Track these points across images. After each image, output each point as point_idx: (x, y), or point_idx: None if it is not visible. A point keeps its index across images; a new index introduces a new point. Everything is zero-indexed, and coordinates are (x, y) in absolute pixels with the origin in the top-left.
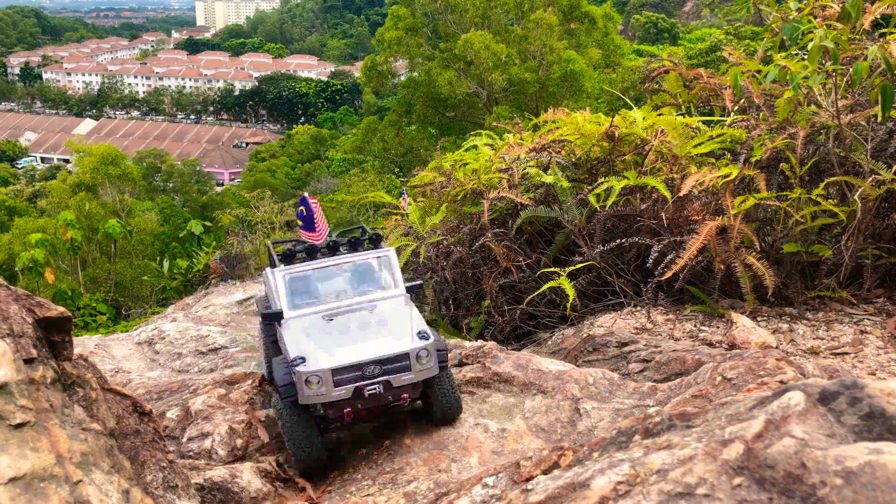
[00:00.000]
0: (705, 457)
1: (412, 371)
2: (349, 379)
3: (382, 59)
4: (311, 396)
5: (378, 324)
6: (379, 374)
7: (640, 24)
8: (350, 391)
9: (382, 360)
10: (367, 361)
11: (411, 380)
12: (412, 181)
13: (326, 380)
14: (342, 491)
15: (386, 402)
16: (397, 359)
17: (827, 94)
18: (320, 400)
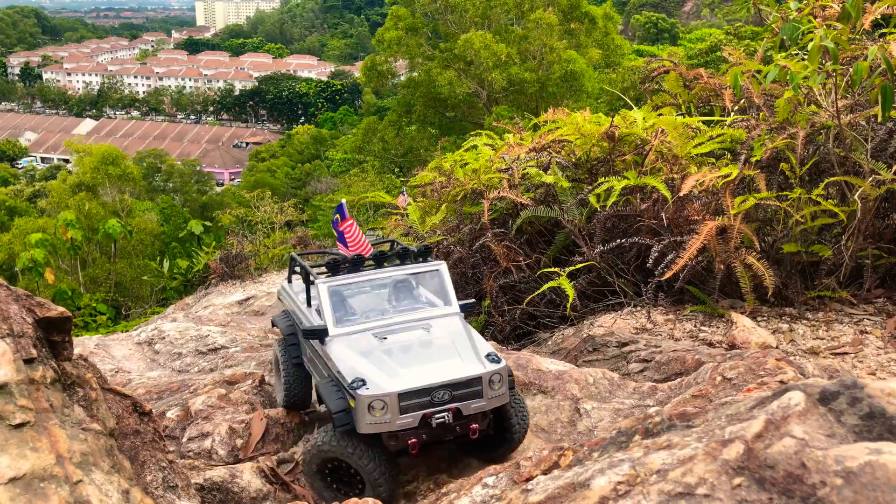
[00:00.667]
0: (705, 457)
1: (484, 398)
2: (417, 405)
3: (382, 59)
4: (372, 425)
5: (440, 344)
6: (448, 401)
7: (640, 24)
8: (417, 419)
9: (453, 384)
10: (437, 386)
11: (482, 408)
12: (412, 181)
13: (392, 406)
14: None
15: (453, 434)
16: (469, 383)
17: (827, 94)
18: (383, 429)
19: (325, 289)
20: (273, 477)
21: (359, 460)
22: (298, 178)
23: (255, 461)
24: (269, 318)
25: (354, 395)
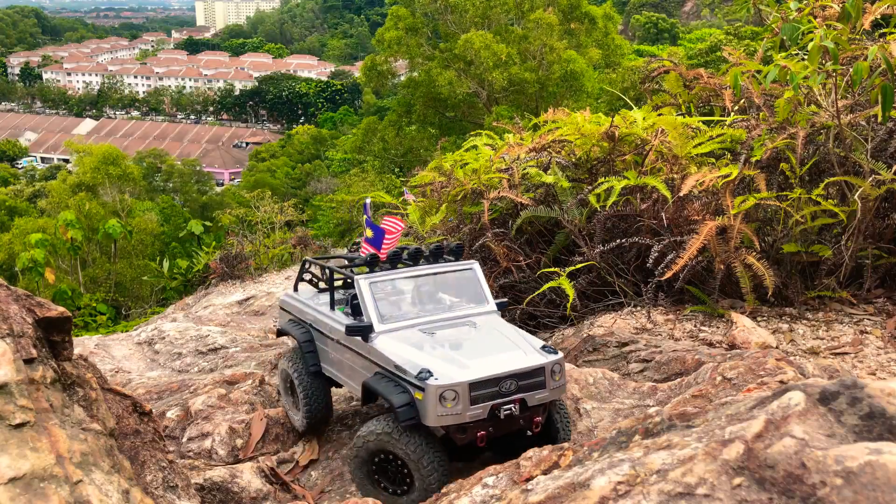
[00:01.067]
0: (705, 457)
1: (547, 388)
2: (486, 396)
3: (382, 59)
4: (443, 417)
5: (494, 338)
6: (514, 392)
7: (640, 24)
8: (486, 411)
9: (519, 374)
10: (505, 375)
11: (545, 398)
12: (412, 181)
13: (463, 396)
14: (342, 490)
15: (517, 428)
16: (533, 373)
17: (827, 94)
18: (453, 421)
19: (365, 284)
20: (273, 477)
21: (414, 455)
22: (298, 178)
23: (255, 461)
24: (270, 317)
25: (423, 386)
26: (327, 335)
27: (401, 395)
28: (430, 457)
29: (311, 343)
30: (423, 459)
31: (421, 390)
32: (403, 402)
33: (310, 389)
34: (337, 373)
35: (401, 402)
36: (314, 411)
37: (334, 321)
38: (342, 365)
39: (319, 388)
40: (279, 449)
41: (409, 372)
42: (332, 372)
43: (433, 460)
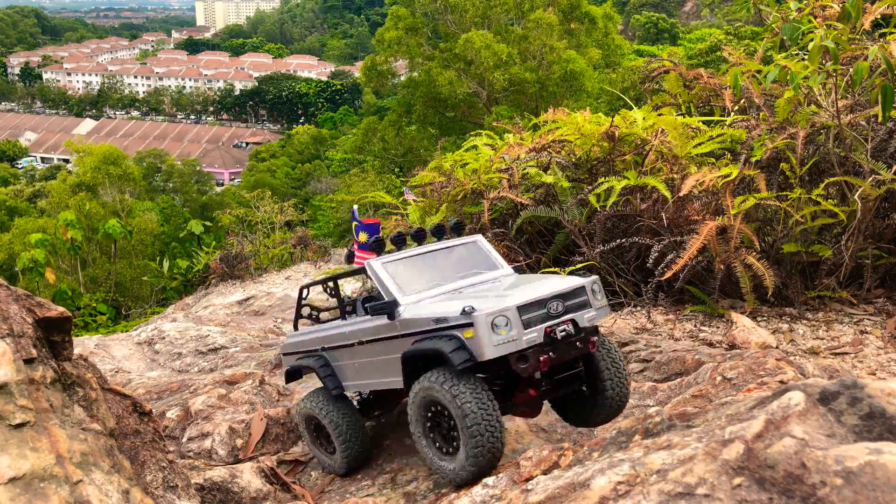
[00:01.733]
0: (705, 457)
1: (592, 307)
2: (537, 318)
3: (382, 59)
4: (500, 345)
5: (522, 279)
6: (564, 313)
7: (640, 24)
8: (541, 333)
9: (563, 294)
10: (550, 296)
11: (593, 318)
12: (412, 181)
13: (515, 320)
14: (342, 491)
15: (575, 352)
16: (576, 293)
17: (827, 94)
18: (511, 348)
19: (377, 265)
20: (273, 477)
21: (460, 405)
22: (298, 178)
23: (255, 461)
24: (269, 317)
25: (472, 320)
26: (345, 345)
27: (449, 342)
28: (478, 408)
29: (327, 367)
30: (469, 408)
31: (469, 326)
32: (454, 346)
33: (342, 425)
34: (365, 381)
35: (451, 346)
36: (353, 448)
37: (351, 325)
38: (367, 368)
39: (353, 421)
40: (279, 449)
41: (452, 316)
42: (358, 384)
43: (483, 413)
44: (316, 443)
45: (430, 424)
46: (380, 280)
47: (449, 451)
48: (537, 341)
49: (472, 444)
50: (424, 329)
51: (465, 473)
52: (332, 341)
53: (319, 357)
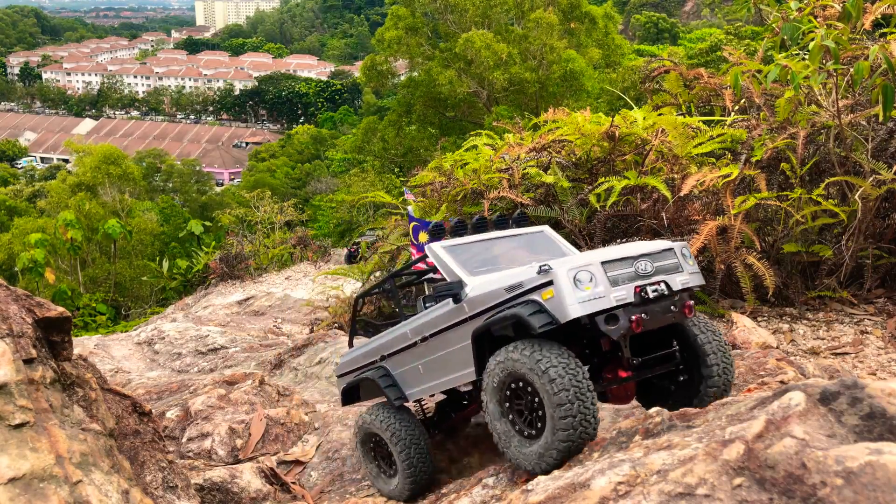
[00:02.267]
0: (706, 457)
1: (684, 272)
2: (625, 277)
3: (382, 59)
4: (585, 303)
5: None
6: (653, 274)
7: (641, 24)
8: (631, 292)
9: (651, 253)
10: (637, 255)
11: (686, 282)
12: (412, 181)
13: (599, 275)
14: (342, 491)
15: (671, 316)
16: (665, 255)
17: (827, 94)
18: (598, 306)
19: (439, 248)
20: (273, 477)
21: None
22: (298, 178)
23: (254, 461)
24: (269, 317)
25: (552, 276)
26: (407, 346)
27: (527, 306)
28: (568, 377)
29: (388, 376)
30: (557, 377)
31: (548, 286)
32: (532, 309)
33: (406, 440)
34: (430, 384)
35: (529, 309)
36: (418, 468)
37: (412, 323)
38: (433, 367)
39: (418, 438)
40: (279, 449)
41: (527, 280)
42: (423, 389)
43: (573, 382)
44: (374, 463)
45: (509, 404)
46: (443, 263)
47: (531, 434)
48: (627, 300)
49: (562, 420)
50: (497, 303)
51: (552, 457)
52: (391, 346)
53: (379, 367)
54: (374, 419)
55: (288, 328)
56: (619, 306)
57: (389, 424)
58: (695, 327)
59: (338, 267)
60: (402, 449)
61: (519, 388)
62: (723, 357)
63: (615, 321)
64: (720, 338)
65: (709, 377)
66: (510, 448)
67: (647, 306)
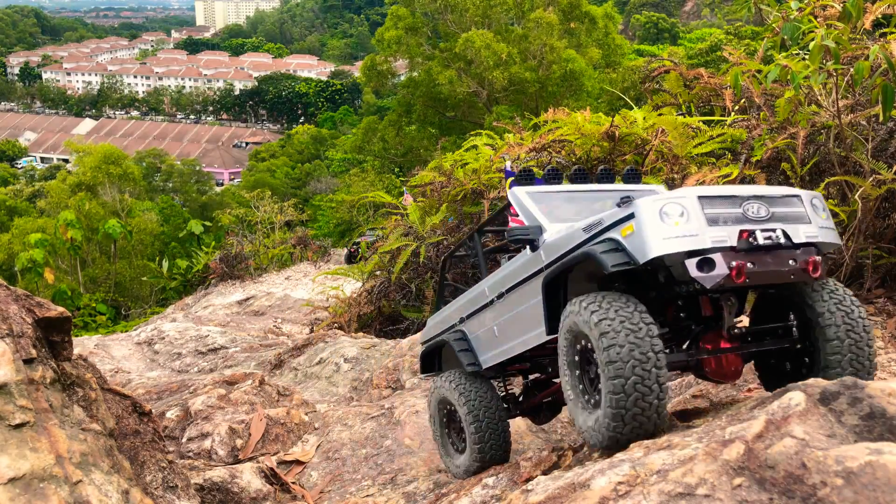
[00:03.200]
0: (706, 457)
1: (813, 224)
2: (728, 218)
3: (382, 59)
4: (672, 240)
5: None
6: (768, 220)
7: (641, 24)
8: (734, 235)
9: (768, 197)
10: (748, 196)
11: (814, 236)
12: (412, 181)
13: (694, 211)
14: (342, 491)
15: (788, 271)
16: (787, 201)
17: (828, 94)
18: (687, 245)
19: (521, 192)
20: (273, 477)
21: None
22: (298, 178)
23: (254, 461)
24: (269, 317)
25: (634, 208)
26: (483, 305)
27: (602, 244)
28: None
29: (463, 339)
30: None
31: (628, 220)
32: (608, 247)
33: (480, 412)
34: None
35: (602, 247)
36: (489, 445)
37: (489, 279)
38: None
39: (494, 412)
40: (279, 449)
41: (608, 215)
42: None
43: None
44: (443, 436)
45: (579, 369)
46: (523, 208)
47: (593, 403)
48: (726, 242)
49: (612, 383)
50: (574, 245)
51: (604, 432)
52: (470, 307)
53: (456, 331)
54: (447, 383)
55: (288, 328)
56: (717, 249)
57: (463, 391)
58: (816, 294)
59: (338, 267)
60: (473, 420)
61: (585, 351)
62: (850, 336)
63: (709, 266)
64: (851, 310)
65: (828, 362)
66: (578, 419)
67: (756, 255)
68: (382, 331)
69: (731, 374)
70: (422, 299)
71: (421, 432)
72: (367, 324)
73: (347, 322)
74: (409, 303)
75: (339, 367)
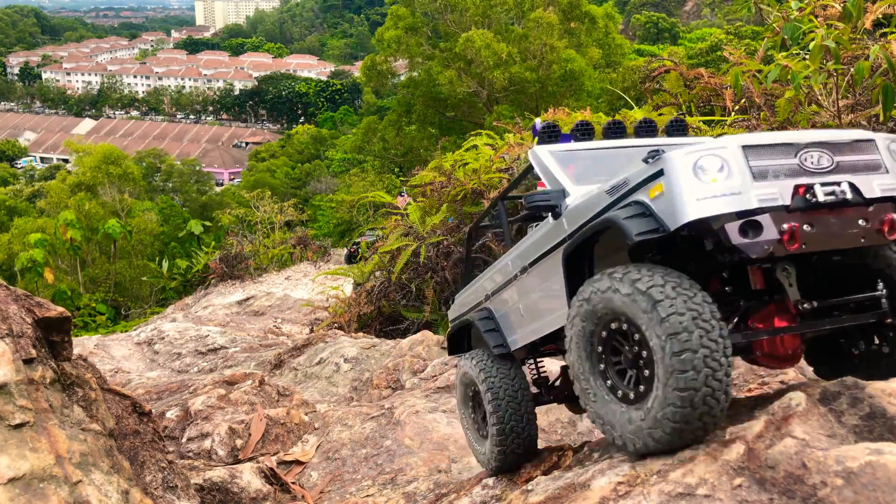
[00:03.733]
0: (706, 457)
1: (890, 173)
2: (781, 170)
3: (382, 59)
4: (708, 200)
5: None
6: (832, 171)
7: (641, 24)
8: (788, 191)
9: (832, 144)
10: (805, 143)
11: (889, 189)
12: (412, 181)
13: (737, 164)
14: (342, 491)
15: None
16: (858, 147)
17: (828, 94)
18: (729, 205)
19: (544, 152)
20: (273, 477)
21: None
22: (298, 178)
23: (254, 462)
24: (269, 317)
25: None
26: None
27: (627, 208)
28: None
29: (490, 319)
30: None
31: (657, 178)
32: (633, 211)
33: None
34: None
35: (629, 211)
36: (510, 434)
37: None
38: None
39: (517, 396)
40: (279, 449)
41: (634, 174)
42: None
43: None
44: (469, 419)
45: (604, 354)
46: (545, 169)
47: (632, 397)
48: (779, 201)
49: (679, 387)
50: (598, 211)
51: (661, 431)
52: (496, 282)
53: (483, 309)
54: (472, 362)
55: (288, 328)
56: (765, 209)
57: (486, 372)
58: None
59: (338, 267)
60: (494, 405)
61: (618, 334)
62: None
63: (755, 230)
64: None
65: None
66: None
67: (815, 214)
68: (382, 331)
69: (787, 358)
70: (422, 299)
71: (421, 432)
72: (367, 324)
73: (347, 322)
74: (409, 303)
75: (339, 367)
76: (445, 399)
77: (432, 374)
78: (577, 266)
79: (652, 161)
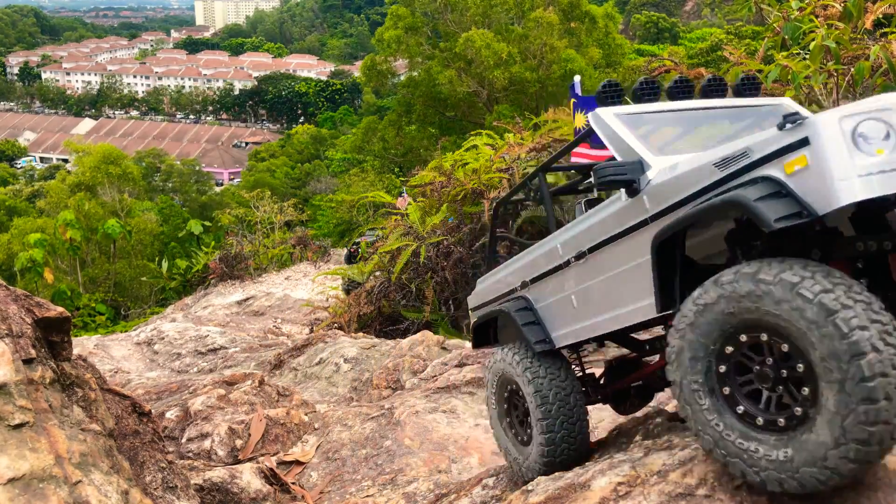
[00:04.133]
0: (706, 457)
1: None
2: None
3: (382, 59)
4: (874, 177)
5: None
6: None
7: (641, 24)
8: None
9: None
10: None
11: None
12: (412, 181)
13: None
14: (342, 491)
15: None
16: None
17: (828, 94)
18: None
19: (609, 115)
20: (273, 478)
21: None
22: (298, 178)
23: (254, 462)
24: (269, 317)
25: (808, 130)
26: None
27: (757, 186)
28: (869, 334)
29: (528, 310)
30: (845, 337)
31: (799, 148)
32: (766, 189)
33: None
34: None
35: (759, 191)
36: (561, 438)
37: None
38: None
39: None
40: (279, 450)
41: (758, 143)
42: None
43: (881, 341)
44: (504, 422)
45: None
46: (614, 136)
47: (782, 424)
48: None
49: (867, 413)
50: (702, 188)
51: (831, 472)
52: (536, 269)
53: (518, 298)
54: (512, 359)
55: (288, 328)
56: None
57: (532, 370)
58: None
59: (338, 267)
60: (543, 410)
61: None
62: None
63: None
64: None
65: None
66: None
67: None
68: (382, 331)
69: None
70: (422, 299)
71: (421, 433)
72: (367, 324)
73: (347, 322)
74: (409, 303)
75: (338, 368)
76: (445, 399)
77: (432, 375)
78: (670, 255)
79: (791, 126)
